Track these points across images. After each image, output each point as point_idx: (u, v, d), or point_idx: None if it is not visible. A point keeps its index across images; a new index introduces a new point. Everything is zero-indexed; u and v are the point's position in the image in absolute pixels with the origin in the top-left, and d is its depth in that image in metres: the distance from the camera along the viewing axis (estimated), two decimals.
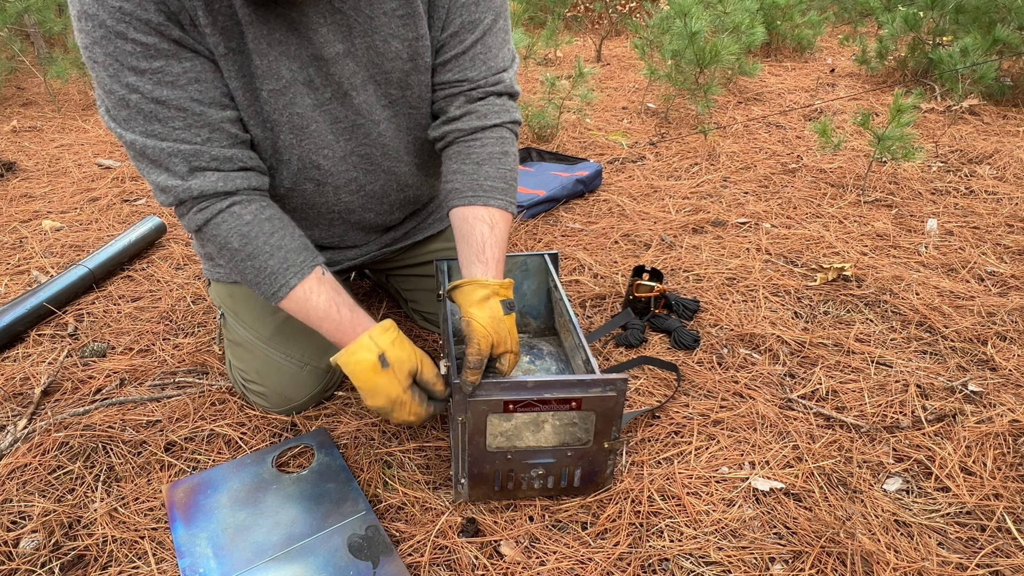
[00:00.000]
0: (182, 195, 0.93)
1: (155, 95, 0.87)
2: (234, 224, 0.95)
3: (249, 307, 1.20)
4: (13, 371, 1.32)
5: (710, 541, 0.96)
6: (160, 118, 0.88)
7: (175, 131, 0.89)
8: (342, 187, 1.09)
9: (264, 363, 1.18)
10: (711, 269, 1.71)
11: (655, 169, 2.43)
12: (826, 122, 2.23)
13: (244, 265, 0.96)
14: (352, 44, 0.97)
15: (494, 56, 1.06)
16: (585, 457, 0.99)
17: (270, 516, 0.98)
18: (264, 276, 0.96)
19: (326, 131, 1.02)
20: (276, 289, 0.97)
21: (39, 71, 3.45)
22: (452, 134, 1.07)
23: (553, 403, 0.93)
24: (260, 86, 0.94)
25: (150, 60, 0.85)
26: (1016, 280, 1.65)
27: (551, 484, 1.00)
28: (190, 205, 0.94)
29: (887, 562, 0.92)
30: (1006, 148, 2.50)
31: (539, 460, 0.98)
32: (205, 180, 0.92)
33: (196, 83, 0.89)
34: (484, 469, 0.97)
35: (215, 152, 0.92)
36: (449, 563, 0.93)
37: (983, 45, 2.87)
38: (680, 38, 2.79)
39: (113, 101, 0.88)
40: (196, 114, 0.90)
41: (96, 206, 2.10)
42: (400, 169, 1.14)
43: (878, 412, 1.22)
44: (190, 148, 0.90)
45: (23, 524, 0.99)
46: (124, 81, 0.85)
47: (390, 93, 1.05)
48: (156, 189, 0.94)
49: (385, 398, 0.94)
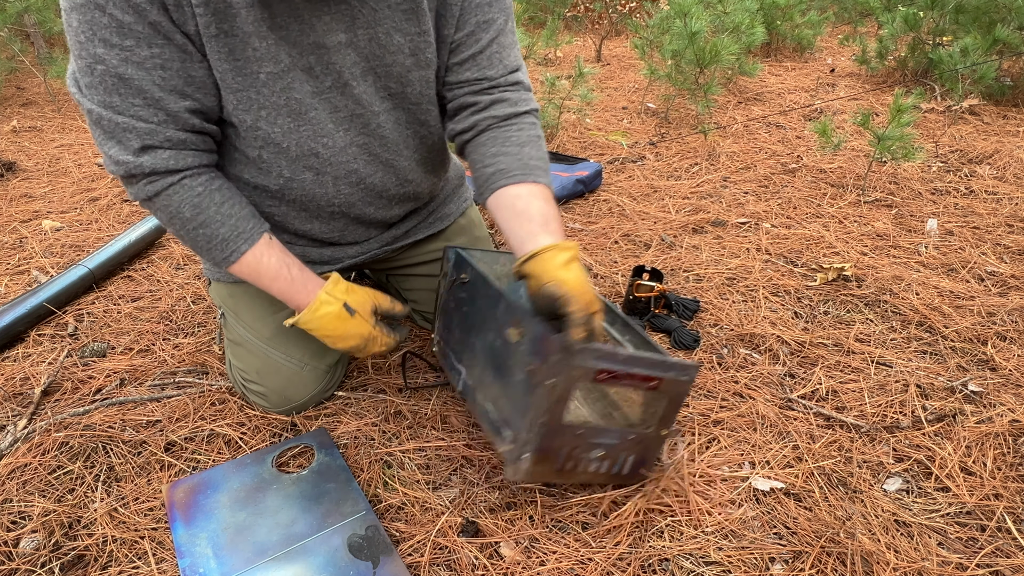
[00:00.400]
0: (133, 170, 0.94)
1: (119, 71, 0.88)
2: (186, 196, 0.98)
3: (250, 307, 1.20)
4: (13, 371, 1.32)
5: (710, 541, 0.96)
6: (120, 93, 0.89)
7: (133, 107, 0.90)
8: (341, 178, 1.09)
9: (264, 363, 1.18)
10: (711, 269, 1.71)
11: (655, 169, 2.43)
12: (826, 122, 2.23)
13: (196, 234, 1.00)
14: (354, 34, 0.98)
15: (508, 55, 1.09)
16: (642, 443, 0.98)
17: (270, 516, 0.98)
18: (215, 243, 1.01)
19: (325, 119, 1.02)
20: (228, 254, 1.02)
21: (39, 71, 3.45)
22: (484, 122, 1.08)
23: (638, 379, 0.91)
24: (258, 69, 0.94)
25: (122, 37, 0.86)
26: (1016, 280, 1.65)
27: (605, 469, 0.97)
28: (138, 179, 0.96)
29: (887, 562, 0.92)
30: (1006, 148, 2.51)
31: (603, 440, 0.94)
32: (156, 157, 0.94)
33: (160, 70, 0.89)
34: (554, 444, 0.90)
35: (169, 134, 0.94)
36: (449, 563, 0.93)
37: (983, 45, 2.87)
38: (680, 38, 2.79)
39: (79, 66, 0.89)
40: (155, 99, 0.91)
41: (96, 206, 2.10)
42: (400, 163, 1.14)
43: (878, 412, 1.22)
44: (145, 127, 0.92)
45: (23, 524, 0.99)
46: (93, 51, 0.86)
47: (389, 86, 1.05)
48: (107, 159, 0.95)
49: (358, 338, 1.09)
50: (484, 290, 1.03)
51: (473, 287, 1.06)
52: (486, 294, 1.02)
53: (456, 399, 1.26)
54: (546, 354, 0.86)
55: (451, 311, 1.14)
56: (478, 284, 1.05)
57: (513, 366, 0.93)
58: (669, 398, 0.95)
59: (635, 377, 0.91)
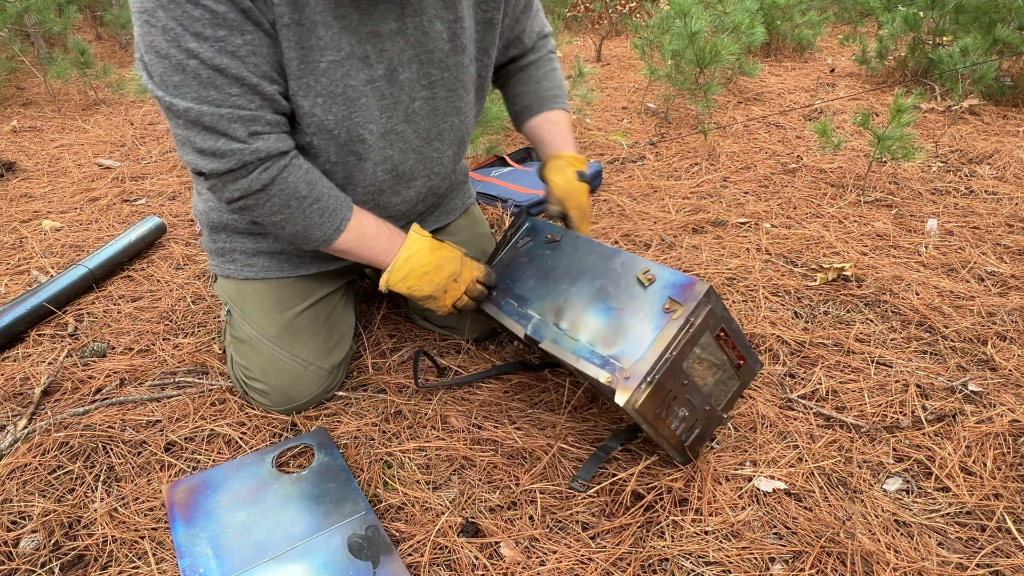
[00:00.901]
0: (247, 157, 0.94)
1: (215, 63, 0.88)
2: (299, 174, 1.01)
3: (258, 304, 1.20)
4: (13, 371, 1.32)
5: (710, 541, 0.96)
6: (217, 85, 0.89)
7: (231, 97, 0.91)
8: (379, 164, 1.12)
9: (269, 361, 1.18)
10: (711, 269, 1.71)
11: (655, 169, 2.43)
12: (826, 122, 2.23)
13: (310, 210, 1.03)
14: (403, 23, 1.03)
15: (536, 20, 1.31)
16: (710, 419, 1.04)
17: (270, 516, 0.98)
18: (327, 215, 1.05)
19: (373, 106, 1.06)
20: (338, 223, 1.06)
21: (39, 71, 3.45)
22: (514, 70, 1.33)
23: (736, 352, 1.03)
24: (320, 57, 0.97)
25: (215, 28, 0.86)
26: (1016, 280, 1.65)
27: (681, 431, 1.02)
28: (254, 166, 0.96)
29: (887, 562, 0.92)
30: (1006, 148, 2.50)
31: (693, 399, 1.00)
32: (266, 141, 0.95)
33: (253, 56, 0.91)
34: (667, 382, 0.95)
35: (269, 118, 0.96)
36: (449, 563, 0.93)
37: (983, 45, 2.87)
38: (680, 38, 2.79)
39: (166, 66, 0.88)
40: (252, 84, 0.92)
41: (96, 206, 2.10)
42: (429, 153, 1.17)
43: (878, 412, 1.22)
44: (247, 114, 0.93)
45: (23, 524, 0.99)
46: (185, 46, 0.86)
47: (431, 73, 1.10)
48: (208, 155, 0.94)
49: (452, 262, 1.13)
50: (588, 247, 1.14)
51: (569, 245, 1.16)
52: (591, 250, 1.13)
53: (456, 399, 1.26)
54: (690, 294, 0.95)
55: (523, 265, 1.19)
56: (578, 243, 1.15)
57: (636, 306, 1.00)
58: (741, 382, 1.04)
59: (735, 349, 1.02)
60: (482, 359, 1.39)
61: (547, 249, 1.18)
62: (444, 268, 1.12)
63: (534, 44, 1.32)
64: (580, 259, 1.12)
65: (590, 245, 1.13)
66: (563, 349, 1.03)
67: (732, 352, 1.02)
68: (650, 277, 1.01)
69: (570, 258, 1.14)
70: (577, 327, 1.04)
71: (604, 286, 1.06)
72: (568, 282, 1.10)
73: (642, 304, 0.99)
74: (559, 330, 1.06)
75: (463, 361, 1.38)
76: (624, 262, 1.06)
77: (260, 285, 1.21)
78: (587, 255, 1.12)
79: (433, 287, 1.12)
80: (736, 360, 1.03)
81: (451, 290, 1.14)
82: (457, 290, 1.15)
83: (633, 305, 1.00)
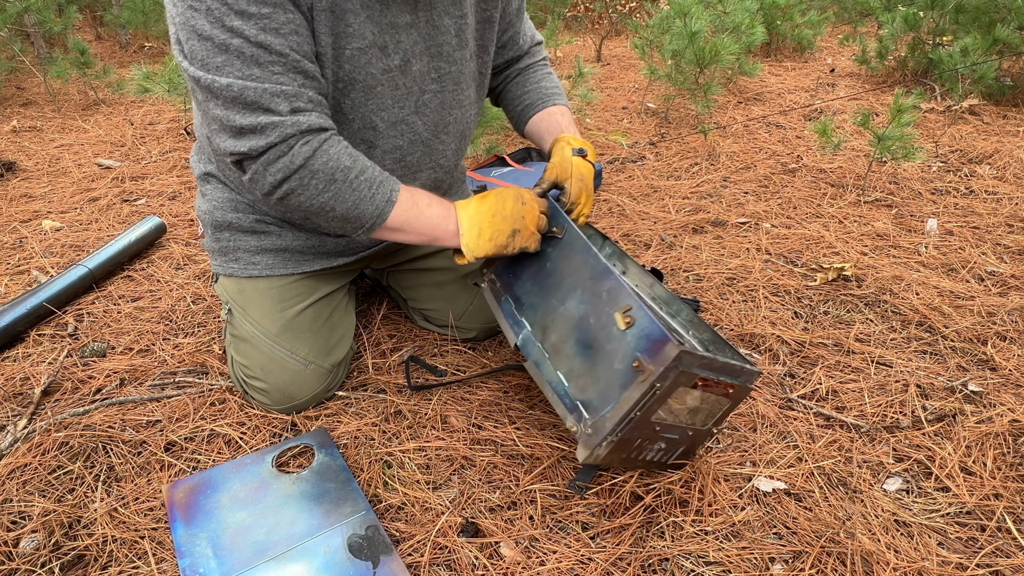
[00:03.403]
0: (289, 130, 0.93)
1: (260, 39, 0.89)
2: (341, 147, 0.99)
3: (258, 303, 1.20)
4: (13, 371, 1.32)
5: (710, 541, 0.96)
6: (260, 62, 0.90)
7: (274, 75, 0.91)
8: (388, 152, 1.13)
9: (269, 359, 1.18)
10: (711, 269, 1.71)
11: (655, 169, 2.43)
12: (826, 122, 2.23)
13: (358, 182, 1.00)
14: (416, 16, 1.06)
15: (529, 26, 1.35)
16: (696, 437, 1.01)
17: (270, 516, 0.98)
18: (376, 187, 1.02)
19: (387, 95, 1.08)
20: (389, 194, 1.03)
21: (39, 71, 3.45)
22: (512, 74, 1.35)
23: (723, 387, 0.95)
24: (346, 44, 0.99)
25: (260, 6, 0.88)
26: (1016, 280, 1.65)
27: (659, 458, 1.00)
28: (296, 139, 0.95)
29: (887, 562, 0.92)
30: (1006, 148, 2.50)
31: (670, 435, 0.96)
32: (308, 116, 0.95)
33: (295, 35, 0.92)
34: (634, 435, 0.91)
35: (311, 95, 0.96)
36: (449, 563, 0.93)
37: (983, 45, 2.87)
38: (680, 38, 2.79)
39: (208, 47, 0.89)
40: (295, 61, 0.93)
41: (96, 206, 2.10)
42: (435, 145, 1.19)
43: (878, 412, 1.22)
44: (291, 89, 0.93)
45: (23, 524, 0.99)
46: (229, 25, 0.87)
47: (440, 67, 1.12)
48: (248, 133, 0.93)
49: (511, 201, 1.08)
50: (584, 257, 1.03)
51: (569, 247, 1.07)
52: (586, 262, 1.02)
53: (456, 399, 1.26)
54: (659, 356, 0.86)
55: (525, 258, 1.13)
56: (577, 247, 1.06)
57: (611, 351, 0.93)
58: (732, 401, 0.98)
59: (722, 385, 0.94)
60: (481, 360, 1.39)
61: (550, 246, 1.10)
62: (506, 199, 1.07)
63: (529, 48, 1.35)
64: (575, 271, 1.04)
65: (586, 255, 1.03)
66: (542, 377, 1.00)
67: (718, 388, 0.95)
68: (628, 320, 0.92)
69: (566, 266, 1.06)
70: (558, 354, 1.00)
71: (587, 315, 0.99)
72: (558, 298, 1.04)
73: (616, 350, 0.92)
74: (543, 351, 1.02)
75: (463, 361, 1.38)
76: (610, 290, 0.97)
77: (262, 283, 1.21)
78: (582, 267, 1.03)
79: (512, 221, 1.06)
80: (724, 391, 0.96)
81: (527, 215, 1.08)
82: (532, 211, 1.08)
83: (608, 348, 0.93)
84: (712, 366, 0.91)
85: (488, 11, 1.18)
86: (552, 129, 1.30)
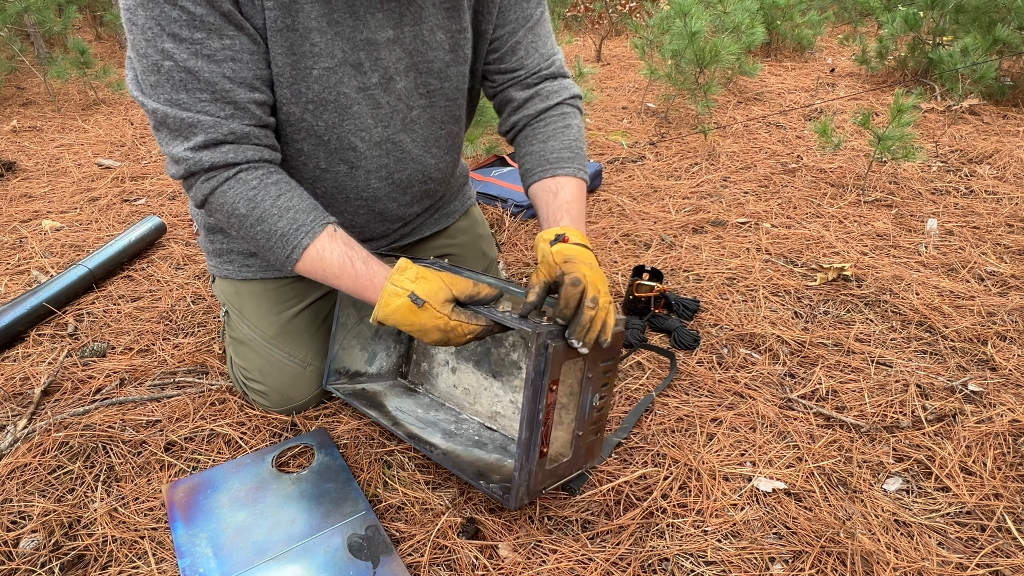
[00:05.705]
0: (193, 167, 0.92)
1: (188, 65, 0.87)
2: (240, 189, 0.94)
3: (255, 305, 1.20)
4: (13, 371, 1.32)
5: (710, 541, 0.96)
6: (188, 88, 0.88)
7: (200, 102, 0.89)
8: (373, 172, 1.11)
9: (267, 362, 1.18)
10: (711, 269, 1.71)
11: (655, 169, 2.43)
12: (826, 122, 2.23)
13: (254, 231, 0.96)
14: (401, 31, 1.01)
15: (544, 44, 1.15)
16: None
17: (270, 516, 0.98)
18: (275, 240, 0.95)
19: (367, 115, 1.04)
20: (289, 252, 0.95)
21: (39, 71, 3.45)
22: (522, 121, 1.16)
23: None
24: (313, 64, 0.96)
25: (192, 30, 0.86)
26: (1016, 280, 1.65)
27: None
28: (199, 176, 0.94)
29: (887, 562, 0.92)
30: (1006, 148, 2.50)
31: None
32: (215, 152, 0.92)
33: (231, 61, 0.89)
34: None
35: (234, 126, 0.92)
36: (449, 563, 0.93)
37: (983, 45, 2.87)
38: (680, 38, 2.79)
39: (144, 66, 0.88)
40: (224, 91, 0.90)
41: (96, 206, 2.10)
42: (427, 160, 1.16)
43: (878, 412, 1.22)
44: (211, 120, 0.90)
45: (23, 524, 0.99)
46: (160, 47, 0.86)
47: (429, 83, 1.08)
48: (170, 160, 0.94)
49: (437, 331, 0.92)
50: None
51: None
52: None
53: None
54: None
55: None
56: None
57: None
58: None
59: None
60: None
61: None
62: (428, 332, 0.92)
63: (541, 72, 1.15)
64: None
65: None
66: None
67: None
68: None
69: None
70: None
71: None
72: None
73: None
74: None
75: None
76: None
77: (257, 286, 1.21)
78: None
79: (430, 342, 0.94)
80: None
81: (452, 340, 0.94)
82: (463, 328, 0.93)
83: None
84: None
85: (483, 24, 1.11)
86: (542, 213, 1.09)
